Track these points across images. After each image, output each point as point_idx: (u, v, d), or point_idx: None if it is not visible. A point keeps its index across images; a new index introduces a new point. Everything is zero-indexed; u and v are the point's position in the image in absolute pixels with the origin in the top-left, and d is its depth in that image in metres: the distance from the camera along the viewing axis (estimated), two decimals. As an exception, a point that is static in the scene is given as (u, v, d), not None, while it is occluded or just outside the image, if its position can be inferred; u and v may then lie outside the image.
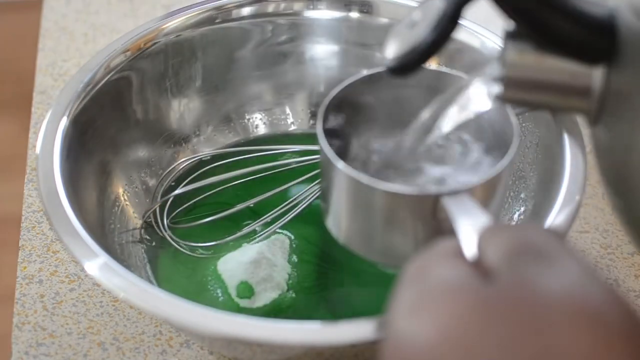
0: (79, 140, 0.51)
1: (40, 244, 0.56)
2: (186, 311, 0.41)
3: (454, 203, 0.36)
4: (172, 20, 0.58)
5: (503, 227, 0.33)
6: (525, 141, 0.54)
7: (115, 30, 0.74)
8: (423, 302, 0.29)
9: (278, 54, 0.61)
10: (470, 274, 0.30)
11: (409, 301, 0.30)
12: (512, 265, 0.30)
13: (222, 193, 0.57)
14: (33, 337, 0.50)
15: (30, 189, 0.59)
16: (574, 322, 0.27)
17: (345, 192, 0.40)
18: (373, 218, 0.40)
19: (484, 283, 0.29)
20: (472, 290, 0.29)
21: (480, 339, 0.27)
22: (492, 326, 0.28)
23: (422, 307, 0.29)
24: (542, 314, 0.28)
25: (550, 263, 0.29)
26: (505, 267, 0.30)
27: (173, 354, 0.50)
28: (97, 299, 0.53)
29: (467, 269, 0.30)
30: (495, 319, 0.28)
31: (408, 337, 0.29)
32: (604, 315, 0.28)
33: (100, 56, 0.54)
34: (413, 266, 0.32)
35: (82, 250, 0.43)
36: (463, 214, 0.35)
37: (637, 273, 0.56)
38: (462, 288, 0.29)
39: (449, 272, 0.30)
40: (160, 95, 0.58)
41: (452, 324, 0.28)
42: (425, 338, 0.28)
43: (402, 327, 0.29)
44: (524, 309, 0.28)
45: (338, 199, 0.41)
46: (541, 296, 0.28)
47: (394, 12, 0.59)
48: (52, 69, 0.70)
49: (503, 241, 0.31)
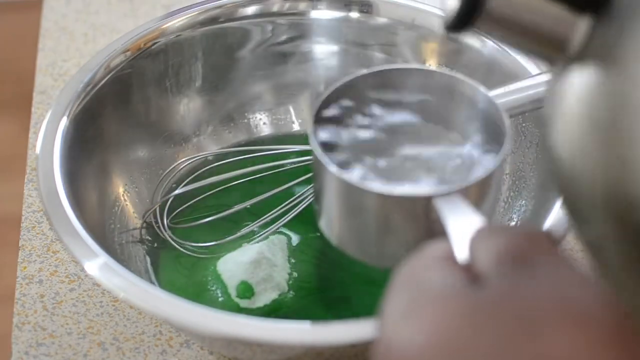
0: (79, 140, 0.51)
1: (40, 244, 0.56)
2: (186, 311, 0.41)
3: (446, 204, 0.36)
4: (172, 20, 0.58)
5: (494, 230, 0.33)
6: (525, 141, 0.54)
7: (115, 30, 0.74)
8: (413, 307, 0.29)
9: (278, 54, 0.61)
10: (461, 279, 0.30)
11: (400, 306, 0.30)
12: (502, 271, 0.29)
13: (222, 193, 0.57)
14: (33, 337, 0.50)
15: (30, 189, 0.59)
16: (566, 327, 0.27)
17: (336, 194, 0.40)
18: (365, 220, 0.40)
19: (474, 288, 0.29)
20: (462, 295, 0.29)
21: (469, 345, 0.27)
22: (482, 332, 0.27)
23: (413, 312, 0.29)
24: (532, 320, 0.27)
25: (541, 268, 0.29)
26: (495, 272, 0.30)
27: (173, 354, 0.50)
28: (97, 299, 0.53)
29: (458, 274, 0.30)
30: (485, 325, 0.28)
31: (398, 341, 0.29)
32: (596, 319, 0.28)
33: (100, 56, 0.55)
34: (404, 270, 0.32)
35: (82, 250, 0.43)
36: (455, 215, 0.35)
37: (637, 273, 0.56)
38: (452, 293, 0.29)
39: (439, 276, 0.30)
40: (161, 95, 0.58)
41: (441, 330, 0.28)
42: (415, 343, 0.28)
43: (393, 332, 0.29)
44: (515, 314, 0.28)
45: (330, 200, 0.41)
46: (532, 301, 0.28)
47: (394, 12, 0.59)
48: (52, 69, 0.70)
49: (494, 245, 0.31)
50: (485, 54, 0.56)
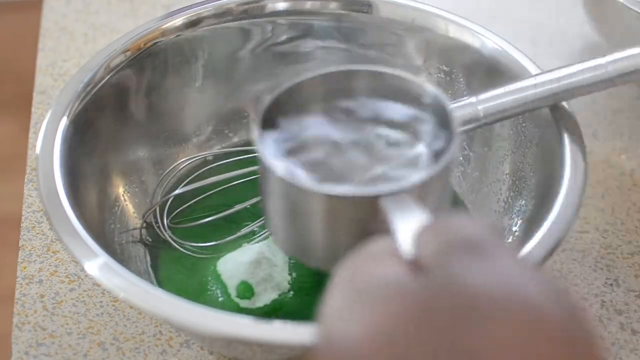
0: (79, 140, 0.51)
1: (40, 244, 0.56)
2: (186, 311, 0.41)
3: (393, 204, 0.35)
4: (172, 20, 0.58)
5: (439, 223, 0.32)
6: (525, 141, 0.54)
7: (115, 30, 0.74)
8: (353, 302, 0.29)
9: (278, 54, 0.61)
10: (404, 273, 0.29)
11: (340, 301, 0.29)
12: (443, 260, 0.29)
13: (222, 193, 0.57)
14: (33, 337, 0.50)
15: (30, 189, 0.59)
16: (508, 316, 0.26)
17: (283, 198, 0.39)
18: (311, 223, 0.39)
19: (416, 281, 0.28)
20: (403, 288, 0.28)
21: (410, 338, 0.26)
22: (423, 324, 0.27)
23: (352, 307, 0.28)
24: (473, 309, 0.26)
25: (483, 257, 0.28)
26: (437, 263, 0.29)
27: (173, 354, 0.50)
28: (97, 299, 0.53)
29: (401, 268, 0.29)
30: (426, 315, 0.27)
31: (338, 337, 0.28)
32: (540, 309, 0.27)
33: (100, 56, 0.54)
34: (345, 266, 0.31)
35: (82, 250, 0.43)
36: (401, 213, 0.34)
37: (637, 273, 0.56)
38: (393, 287, 0.28)
39: (381, 270, 0.30)
40: (161, 95, 0.58)
41: (381, 323, 0.27)
42: (355, 338, 0.27)
43: (332, 327, 0.29)
44: (455, 304, 0.27)
45: (276, 205, 0.40)
46: (474, 290, 0.27)
47: (394, 12, 0.59)
48: (52, 69, 0.70)
49: (437, 237, 0.30)
50: (485, 54, 0.56)
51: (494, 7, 0.79)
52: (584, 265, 0.56)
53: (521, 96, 0.50)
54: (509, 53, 0.55)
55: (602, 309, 0.53)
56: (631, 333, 0.52)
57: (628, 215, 0.60)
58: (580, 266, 0.56)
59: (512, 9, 0.79)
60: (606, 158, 0.64)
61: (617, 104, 0.69)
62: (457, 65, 0.58)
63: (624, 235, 0.58)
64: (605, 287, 0.55)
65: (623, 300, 0.54)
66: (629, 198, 0.61)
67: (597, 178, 0.62)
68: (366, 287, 0.29)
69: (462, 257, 0.28)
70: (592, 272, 0.56)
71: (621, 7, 0.62)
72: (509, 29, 0.75)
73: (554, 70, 0.50)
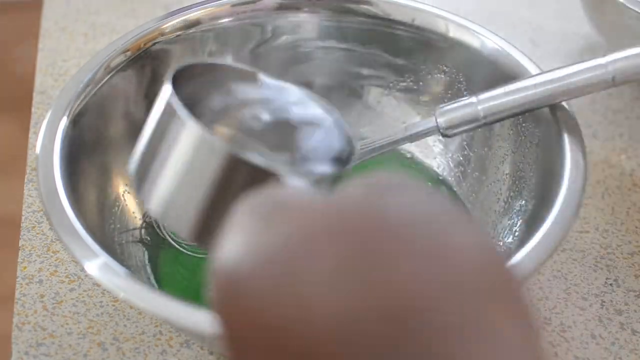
0: (79, 140, 0.51)
1: (40, 244, 0.56)
2: (186, 312, 0.41)
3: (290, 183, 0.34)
4: (172, 20, 0.58)
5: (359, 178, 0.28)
6: (525, 141, 0.54)
7: (115, 30, 0.74)
8: (249, 224, 0.26)
9: (278, 54, 0.61)
10: (310, 192, 0.27)
11: (236, 226, 0.26)
12: (361, 188, 0.26)
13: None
14: (33, 337, 0.50)
15: (30, 189, 0.59)
16: (424, 250, 0.24)
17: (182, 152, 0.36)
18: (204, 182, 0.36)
19: (326, 201, 0.26)
20: (308, 206, 0.26)
21: (310, 260, 0.24)
22: (326, 246, 0.24)
23: (248, 229, 0.26)
24: (388, 235, 0.24)
25: (405, 192, 0.26)
26: (353, 187, 0.26)
27: (173, 354, 0.50)
28: (97, 299, 0.53)
29: (306, 190, 0.27)
30: (331, 237, 0.24)
31: (233, 261, 0.25)
32: (456, 247, 0.24)
33: (100, 56, 0.54)
34: (244, 200, 0.28)
35: (82, 250, 0.43)
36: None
37: (637, 273, 0.56)
38: (297, 203, 0.26)
39: (284, 192, 0.27)
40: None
41: (280, 242, 0.25)
42: (250, 259, 0.25)
43: (228, 252, 0.26)
44: (369, 227, 0.24)
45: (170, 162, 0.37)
46: (390, 216, 0.25)
47: (394, 12, 0.59)
48: (52, 69, 0.70)
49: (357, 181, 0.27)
50: (485, 54, 0.56)
51: (494, 7, 0.79)
52: (584, 265, 0.56)
53: (521, 96, 0.50)
54: (509, 53, 0.55)
55: (602, 309, 0.53)
56: (631, 333, 0.52)
57: (628, 215, 0.60)
58: (580, 266, 0.56)
59: (512, 9, 0.79)
60: (606, 158, 0.64)
61: (617, 104, 0.69)
62: (457, 65, 0.58)
63: (624, 235, 0.58)
64: (605, 287, 0.55)
65: (623, 300, 0.54)
66: (629, 198, 0.61)
67: (597, 178, 0.62)
68: (265, 207, 0.27)
69: (381, 189, 0.26)
70: (592, 272, 0.56)
71: (621, 7, 0.62)
72: (509, 29, 0.75)
73: (554, 70, 0.50)
